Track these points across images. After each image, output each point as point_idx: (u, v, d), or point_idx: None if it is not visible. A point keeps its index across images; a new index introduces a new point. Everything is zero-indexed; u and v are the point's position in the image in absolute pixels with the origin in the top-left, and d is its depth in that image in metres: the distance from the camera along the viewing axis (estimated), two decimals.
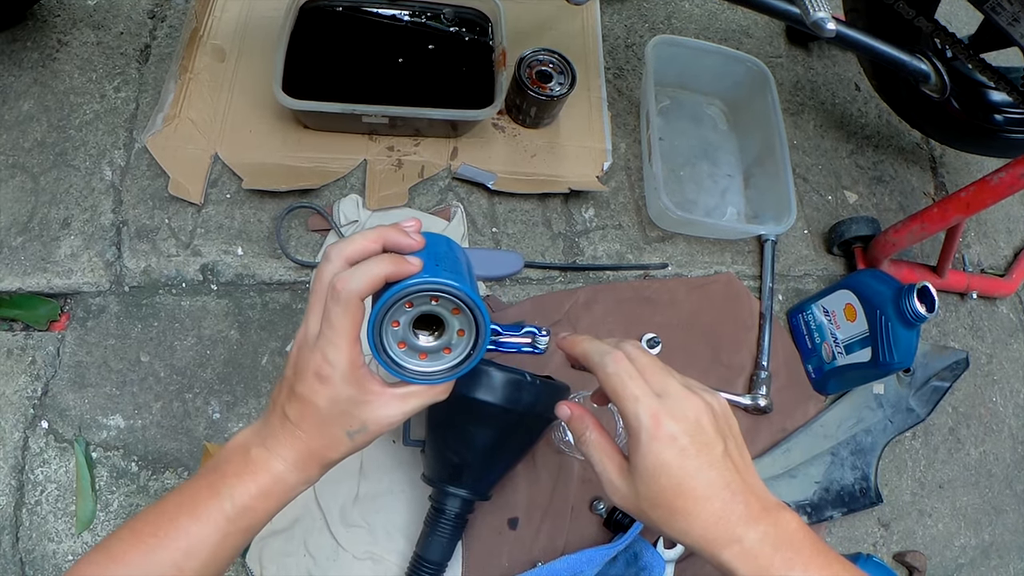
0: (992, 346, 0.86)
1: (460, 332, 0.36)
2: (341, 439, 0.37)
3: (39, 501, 0.60)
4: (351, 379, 0.35)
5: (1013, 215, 0.96)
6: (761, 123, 0.79)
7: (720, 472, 0.34)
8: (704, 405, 0.35)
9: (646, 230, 0.78)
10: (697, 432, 0.34)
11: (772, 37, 0.95)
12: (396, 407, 0.37)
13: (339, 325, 0.34)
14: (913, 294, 0.62)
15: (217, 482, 0.36)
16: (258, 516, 0.37)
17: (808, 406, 0.74)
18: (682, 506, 0.34)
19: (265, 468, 0.37)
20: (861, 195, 0.88)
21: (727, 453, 0.35)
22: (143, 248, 0.67)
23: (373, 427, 0.37)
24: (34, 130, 0.71)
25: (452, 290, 0.34)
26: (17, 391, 0.62)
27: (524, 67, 0.72)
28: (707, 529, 0.33)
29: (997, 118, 0.79)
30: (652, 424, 0.34)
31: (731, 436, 0.36)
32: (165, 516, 0.36)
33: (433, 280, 0.34)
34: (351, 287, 0.34)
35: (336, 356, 0.35)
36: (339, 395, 0.35)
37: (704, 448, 0.34)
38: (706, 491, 0.33)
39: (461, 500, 0.55)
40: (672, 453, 0.34)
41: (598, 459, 0.37)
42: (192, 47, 0.75)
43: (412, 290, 0.34)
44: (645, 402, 0.35)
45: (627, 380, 0.35)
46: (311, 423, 0.36)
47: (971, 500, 0.79)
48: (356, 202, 0.70)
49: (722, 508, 0.33)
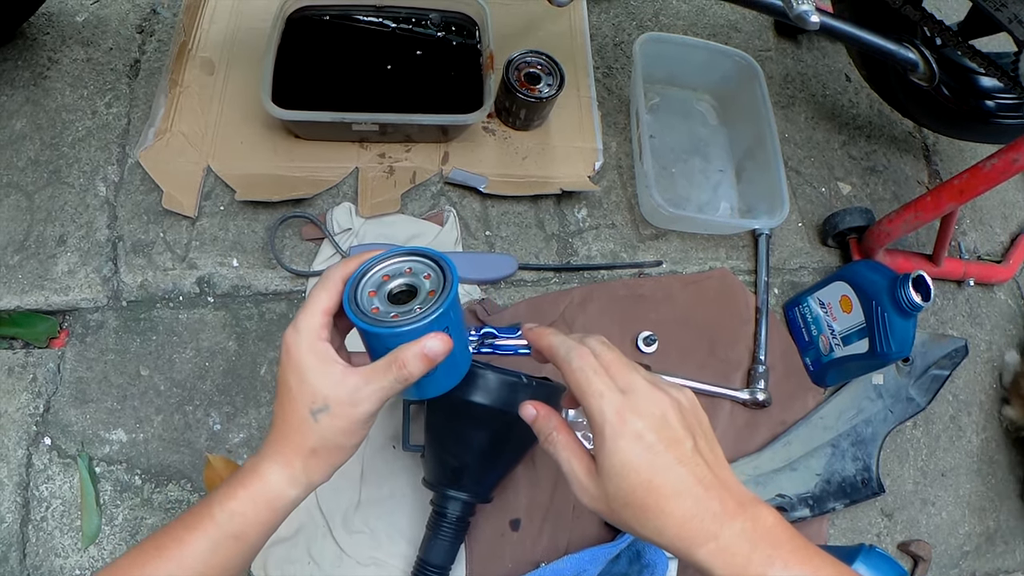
0: (991, 333, 0.86)
1: (431, 292, 0.39)
2: (307, 420, 0.37)
3: (45, 517, 0.60)
4: (313, 347, 0.37)
5: (1008, 201, 0.96)
6: (751, 117, 0.79)
7: (690, 468, 0.33)
8: (670, 400, 0.34)
9: (639, 228, 0.78)
10: (664, 428, 0.33)
11: (761, 31, 0.95)
12: (356, 383, 0.37)
13: (315, 296, 0.38)
14: (908, 283, 0.62)
15: (212, 496, 0.38)
16: (247, 521, 0.37)
17: (807, 399, 0.74)
18: (653, 504, 0.33)
19: (253, 472, 0.38)
20: (855, 186, 0.88)
21: (697, 449, 0.34)
22: (139, 263, 0.67)
23: (335, 406, 0.36)
24: (27, 148, 0.71)
25: (417, 248, 0.39)
26: (19, 409, 0.63)
27: (512, 69, 0.72)
28: (681, 527, 0.32)
29: (988, 104, 0.79)
30: (617, 420, 0.33)
31: (700, 431, 0.35)
32: (169, 534, 0.37)
33: (397, 248, 0.39)
34: (333, 269, 0.39)
35: (305, 322, 0.37)
36: (301, 364, 0.37)
37: (672, 444, 0.33)
38: (677, 488, 0.33)
39: (462, 503, 0.55)
40: (639, 450, 0.33)
41: (565, 459, 0.36)
42: (181, 61, 0.75)
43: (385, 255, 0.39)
44: (609, 398, 0.34)
45: (591, 376, 0.35)
46: (284, 406, 0.37)
47: (974, 487, 0.79)
48: (349, 210, 0.70)
49: (695, 505, 0.32)
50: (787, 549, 0.32)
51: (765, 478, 0.69)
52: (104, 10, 0.80)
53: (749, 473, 0.69)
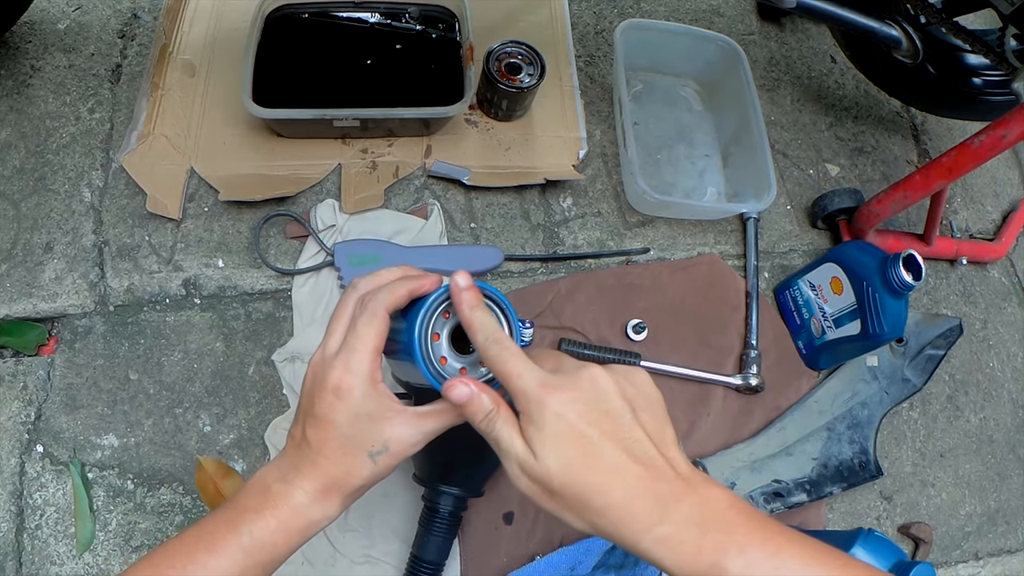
0: (986, 311, 0.86)
1: None
2: (363, 462, 0.35)
3: (39, 525, 0.60)
4: (371, 392, 0.35)
5: (999, 178, 0.95)
6: (736, 101, 0.78)
7: (626, 444, 0.30)
8: (603, 371, 0.31)
9: (626, 216, 0.78)
10: (597, 399, 0.31)
11: (743, 15, 0.94)
12: (416, 426, 0.36)
13: (364, 334, 0.35)
14: (899, 263, 0.62)
15: (235, 517, 0.36)
16: (278, 551, 0.36)
17: (801, 382, 0.74)
18: (588, 485, 0.29)
19: (285, 501, 0.36)
20: (843, 167, 0.87)
21: (637, 422, 0.31)
22: (125, 267, 0.67)
23: (395, 447, 0.35)
24: (12, 157, 0.71)
25: (483, 290, 0.36)
26: (11, 417, 0.63)
27: (493, 60, 0.72)
28: (619, 511, 0.29)
29: (975, 81, 0.78)
30: (542, 392, 0.30)
31: (644, 404, 0.32)
32: (183, 550, 0.35)
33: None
34: (379, 297, 0.35)
35: (358, 365, 0.35)
36: (359, 410, 0.35)
37: (606, 416, 0.30)
38: (615, 463, 0.29)
39: (454, 498, 0.55)
40: (564, 423, 0.30)
41: (506, 436, 0.32)
42: (162, 64, 0.75)
43: (446, 294, 0.36)
44: (532, 375, 0.31)
45: (509, 358, 0.32)
46: (332, 446, 0.35)
47: (974, 467, 0.78)
48: (333, 207, 0.70)
49: (633, 486, 0.29)
50: (742, 532, 0.29)
51: (760, 464, 0.69)
52: (85, 16, 0.80)
53: (744, 459, 0.69)
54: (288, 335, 0.67)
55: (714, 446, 0.70)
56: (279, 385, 0.65)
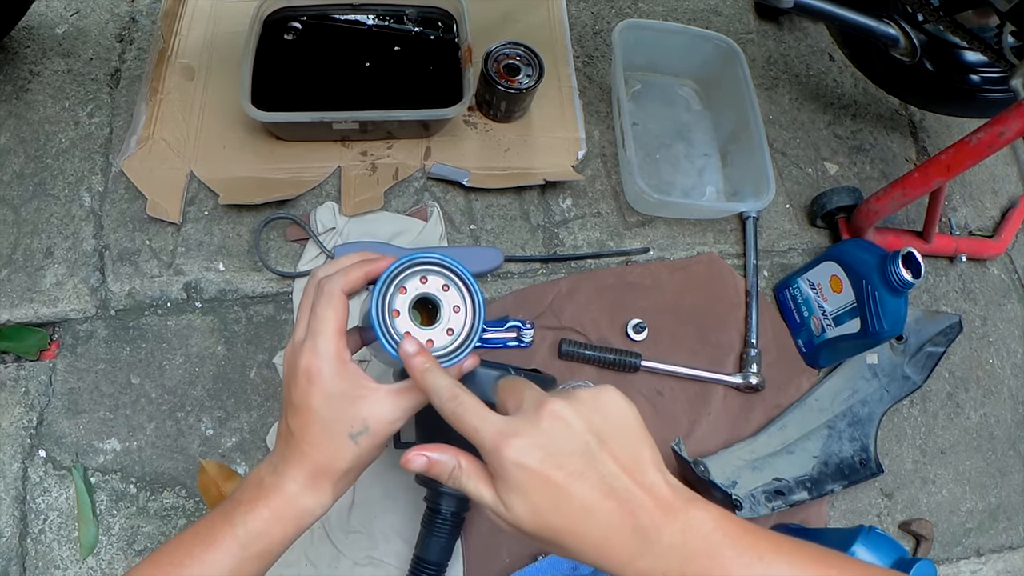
0: (985, 308, 0.86)
1: (456, 309, 0.38)
2: (345, 443, 0.36)
3: (43, 530, 0.60)
4: (340, 371, 0.36)
5: (998, 175, 0.95)
6: (734, 100, 0.78)
7: (596, 479, 0.29)
8: (563, 405, 0.30)
9: (625, 216, 0.78)
10: (558, 439, 0.30)
11: (741, 14, 0.94)
12: (392, 402, 0.36)
13: (324, 315, 0.36)
14: (898, 261, 0.62)
15: (231, 511, 0.37)
16: (273, 540, 0.36)
17: (801, 381, 0.74)
18: (567, 526, 0.29)
19: (277, 492, 0.37)
20: (842, 165, 0.87)
21: (605, 451, 0.30)
22: (126, 271, 0.68)
23: (375, 426, 0.36)
24: (12, 162, 0.72)
25: (433, 258, 0.37)
26: (13, 422, 0.63)
27: (491, 62, 0.72)
28: (599, 549, 0.29)
29: (973, 78, 0.78)
30: (500, 443, 0.30)
31: (612, 431, 0.30)
32: (182, 547, 0.36)
33: (414, 255, 0.37)
34: (334, 281, 0.37)
35: (323, 346, 0.36)
36: (331, 390, 0.35)
37: (571, 456, 0.29)
38: (585, 503, 0.29)
39: (456, 499, 0.55)
40: (525, 472, 0.29)
41: (474, 488, 0.32)
42: (161, 67, 0.75)
43: (399, 266, 0.37)
44: (488, 428, 0.30)
45: (464, 413, 0.32)
46: (313, 431, 0.36)
47: (974, 464, 0.78)
48: (332, 209, 0.70)
49: (610, 520, 0.28)
50: (729, 556, 0.28)
51: (762, 462, 0.69)
52: (83, 21, 0.80)
53: (745, 458, 0.69)
54: (289, 338, 0.67)
55: (715, 445, 0.70)
56: (281, 388, 0.66)
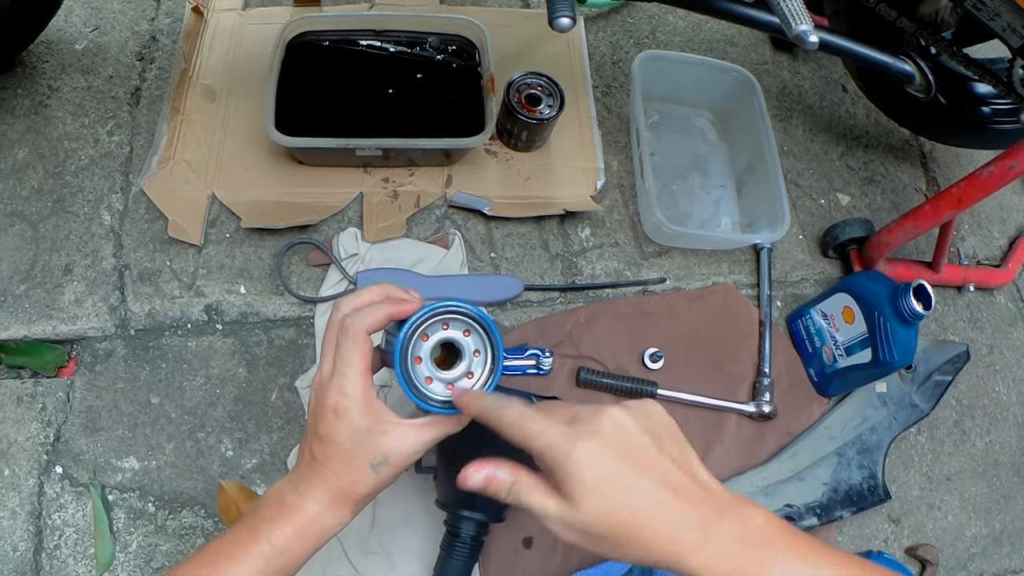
0: (992, 336, 0.87)
1: (476, 352, 0.39)
2: (366, 472, 0.38)
3: (58, 546, 0.60)
4: (366, 410, 0.37)
5: (1006, 204, 0.97)
6: (750, 131, 0.79)
7: (659, 476, 0.31)
8: (619, 410, 0.33)
9: (642, 246, 0.79)
10: (620, 439, 0.32)
11: (757, 44, 0.95)
12: (414, 437, 0.38)
13: (350, 358, 0.37)
14: (909, 293, 0.63)
15: (255, 527, 0.38)
16: (295, 556, 0.38)
17: (812, 409, 0.75)
18: (634, 521, 0.31)
19: (299, 510, 0.38)
20: (853, 196, 0.89)
21: (663, 451, 0.32)
22: (146, 291, 0.68)
23: (394, 458, 0.38)
24: (31, 178, 0.72)
25: (455, 307, 0.38)
26: (29, 438, 0.63)
27: (513, 91, 0.73)
28: (664, 542, 0.30)
29: (984, 110, 0.80)
30: (568, 446, 0.31)
31: (664, 433, 0.33)
32: (206, 562, 0.38)
33: (437, 303, 0.38)
34: (358, 322, 0.38)
35: (350, 387, 0.37)
36: (357, 427, 0.37)
37: (633, 453, 0.31)
38: (649, 500, 0.31)
39: (476, 523, 0.56)
40: (599, 469, 0.31)
41: (535, 500, 0.33)
42: (182, 88, 0.75)
43: (423, 317, 0.38)
44: (552, 430, 0.32)
45: (524, 421, 0.33)
46: (336, 460, 0.38)
47: (979, 490, 0.80)
48: (355, 235, 0.71)
49: (673, 515, 0.31)
50: (781, 548, 0.31)
51: (773, 489, 0.70)
52: (103, 38, 0.80)
53: (757, 484, 0.70)
54: (311, 362, 0.68)
55: (728, 472, 0.71)
56: (302, 411, 0.66)
